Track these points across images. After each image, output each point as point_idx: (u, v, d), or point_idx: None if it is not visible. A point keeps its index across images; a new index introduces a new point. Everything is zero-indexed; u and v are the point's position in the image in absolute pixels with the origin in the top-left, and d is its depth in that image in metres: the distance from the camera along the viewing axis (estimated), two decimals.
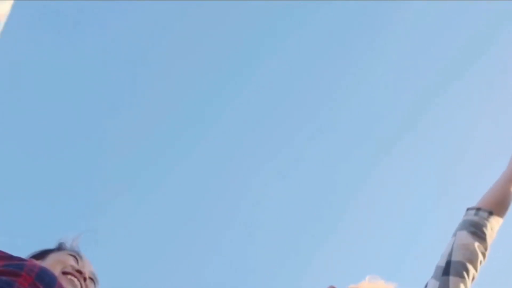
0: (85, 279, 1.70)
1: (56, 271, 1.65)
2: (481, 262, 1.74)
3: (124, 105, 4.81)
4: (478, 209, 1.79)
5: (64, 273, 1.68)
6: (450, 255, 1.76)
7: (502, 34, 4.67)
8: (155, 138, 4.90)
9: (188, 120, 4.98)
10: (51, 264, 1.72)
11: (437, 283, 1.73)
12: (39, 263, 1.45)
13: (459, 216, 1.86)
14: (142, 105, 4.86)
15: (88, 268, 1.78)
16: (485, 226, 1.76)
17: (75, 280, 1.68)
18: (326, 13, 4.90)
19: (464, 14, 4.71)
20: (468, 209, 1.82)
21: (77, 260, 1.79)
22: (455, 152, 4.78)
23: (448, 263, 1.75)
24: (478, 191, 1.88)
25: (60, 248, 1.88)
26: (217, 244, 4.68)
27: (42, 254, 1.81)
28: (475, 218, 1.78)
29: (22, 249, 1.81)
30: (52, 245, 1.88)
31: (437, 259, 1.82)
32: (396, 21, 4.92)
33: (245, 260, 4.65)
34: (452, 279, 1.71)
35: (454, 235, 1.78)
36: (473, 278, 1.74)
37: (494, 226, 1.78)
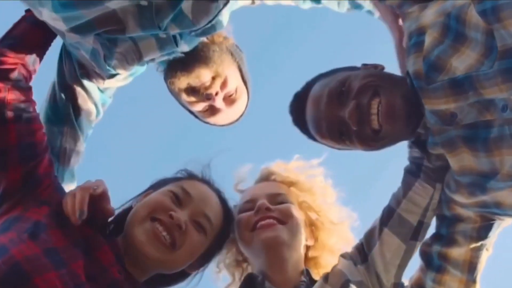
0: (180, 227, 1.44)
1: (140, 217, 1.45)
2: None
3: None
4: None
5: (153, 219, 1.44)
6: (424, 215, 1.59)
7: None
8: None
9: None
10: (140, 207, 1.50)
11: (403, 246, 1.59)
12: (17, 256, 1.24)
13: None
14: None
15: (195, 209, 1.50)
16: None
17: (161, 230, 1.43)
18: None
19: None
20: None
21: (179, 200, 1.50)
22: None
23: (420, 224, 1.59)
24: None
25: (185, 177, 1.66)
26: None
27: (161, 184, 1.62)
28: None
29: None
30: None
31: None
32: None
33: None
34: (418, 244, 1.60)
35: (433, 186, 1.56)
36: None
37: None
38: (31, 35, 1.63)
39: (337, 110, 1.48)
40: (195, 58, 1.77)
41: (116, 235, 1.51)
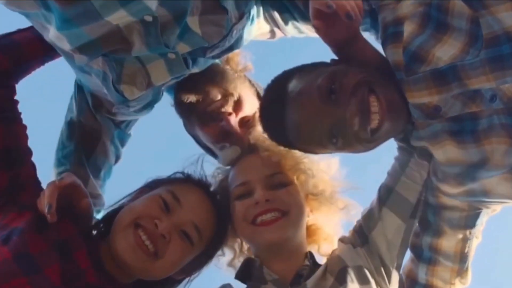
0: (164, 237, 1.40)
1: (124, 223, 1.42)
2: None
3: None
4: None
5: (137, 225, 1.41)
6: (422, 192, 1.56)
7: None
8: None
9: None
10: (127, 210, 1.47)
11: (403, 226, 1.57)
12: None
13: None
14: None
15: (183, 218, 1.45)
16: None
17: (145, 238, 1.40)
18: None
19: None
20: None
21: (167, 207, 1.45)
22: None
23: (419, 202, 1.57)
24: None
25: (179, 179, 1.60)
26: None
27: (154, 185, 1.58)
28: None
29: None
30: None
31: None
32: None
33: None
34: (416, 222, 1.58)
35: (429, 161, 1.51)
36: None
37: None
38: (29, 45, 1.56)
39: (332, 111, 1.36)
40: (204, 74, 1.62)
41: (104, 236, 1.49)
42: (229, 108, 1.66)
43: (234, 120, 1.66)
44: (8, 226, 1.34)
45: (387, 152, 1.62)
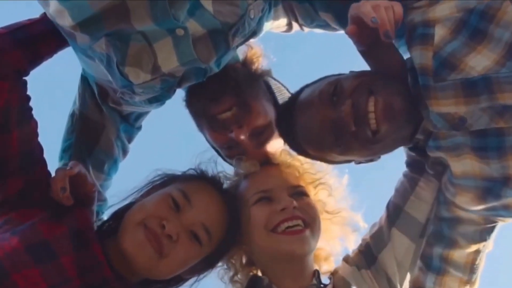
0: (170, 237, 1.38)
1: (133, 223, 1.40)
2: None
3: None
4: None
5: (146, 226, 1.39)
6: (432, 210, 1.54)
7: None
8: None
9: None
10: (137, 209, 1.45)
11: (413, 246, 1.54)
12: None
13: None
14: None
15: (193, 218, 1.43)
16: None
17: (151, 239, 1.37)
18: None
19: None
20: None
21: (177, 206, 1.43)
22: None
23: (428, 221, 1.55)
24: None
25: (192, 177, 1.58)
26: None
27: (166, 181, 1.56)
28: None
29: None
30: None
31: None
32: None
33: None
34: (424, 240, 1.56)
35: (439, 180, 1.50)
36: None
37: None
38: (45, 41, 1.48)
39: (331, 112, 1.38)
40: (219, 78, 1.52)
41: (113, 233, 1.47)
42: (240, 119, 1.57)
43: (244, 132, 1.57)
44: (18, 221, 1.34)
45: (392, 158, 1.60)
